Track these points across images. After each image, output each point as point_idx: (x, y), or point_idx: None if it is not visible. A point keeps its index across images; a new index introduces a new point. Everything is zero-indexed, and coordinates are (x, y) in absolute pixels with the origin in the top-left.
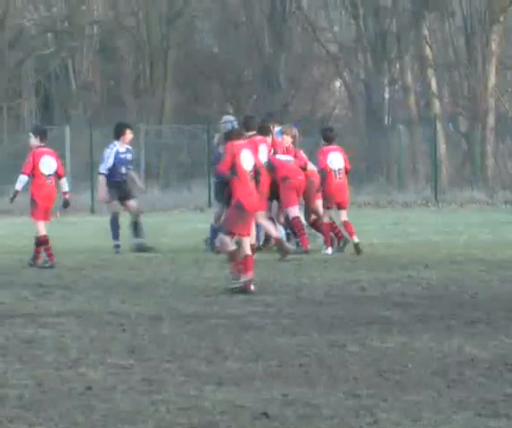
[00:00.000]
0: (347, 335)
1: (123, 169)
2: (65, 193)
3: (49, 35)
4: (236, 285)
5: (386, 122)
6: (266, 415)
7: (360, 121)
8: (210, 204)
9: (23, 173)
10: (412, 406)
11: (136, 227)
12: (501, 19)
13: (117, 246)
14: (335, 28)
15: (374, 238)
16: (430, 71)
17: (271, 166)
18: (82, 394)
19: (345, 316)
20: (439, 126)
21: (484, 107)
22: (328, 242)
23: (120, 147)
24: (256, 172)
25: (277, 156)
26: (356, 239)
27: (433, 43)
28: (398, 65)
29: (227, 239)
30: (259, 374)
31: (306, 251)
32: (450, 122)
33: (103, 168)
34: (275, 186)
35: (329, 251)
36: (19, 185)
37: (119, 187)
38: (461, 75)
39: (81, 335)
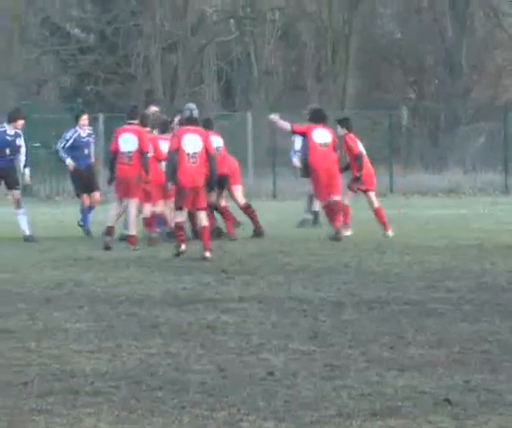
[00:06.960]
0: None
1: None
2: None
3: (231, 21)
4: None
5: None
6: (448, 401)
7: None
8: (391, 190)
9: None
10: None
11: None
12: None
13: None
14: None
15: None
16: None
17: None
18: (264, 379)
19: None
20: None
21: None
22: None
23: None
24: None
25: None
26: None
27: None
28: None
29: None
30: (441, 360)
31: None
32: None
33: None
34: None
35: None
36: None
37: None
38: None
39: (263, 321)
